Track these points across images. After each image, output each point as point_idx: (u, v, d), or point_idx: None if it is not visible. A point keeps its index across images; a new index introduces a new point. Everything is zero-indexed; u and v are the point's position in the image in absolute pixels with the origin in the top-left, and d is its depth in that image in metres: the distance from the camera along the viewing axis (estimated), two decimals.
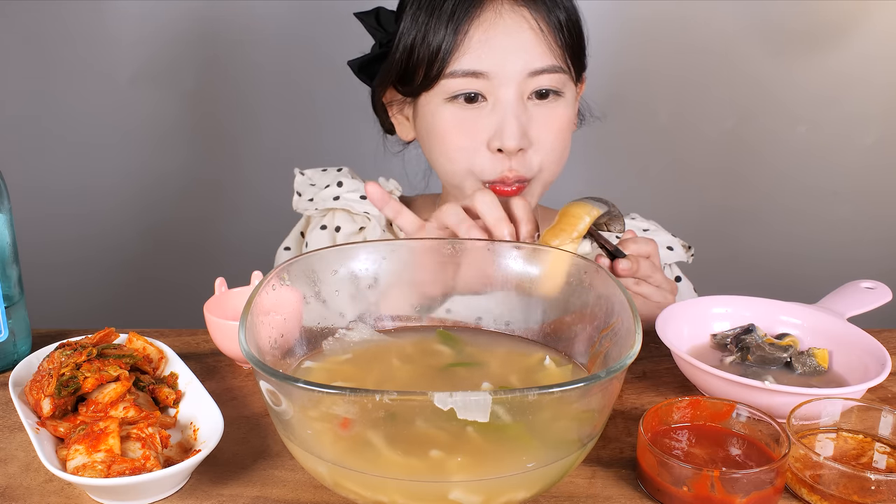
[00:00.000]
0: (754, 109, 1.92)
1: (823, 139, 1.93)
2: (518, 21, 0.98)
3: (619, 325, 0.64)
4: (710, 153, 1.93)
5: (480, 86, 0.98)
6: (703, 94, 1.92)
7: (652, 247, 0.95)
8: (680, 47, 1.88)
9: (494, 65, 0.97)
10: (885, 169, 1.95)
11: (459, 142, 1.01)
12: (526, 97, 0.99)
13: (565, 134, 1.04)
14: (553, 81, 1.00)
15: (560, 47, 1.00)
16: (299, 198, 1.23)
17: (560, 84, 1.00)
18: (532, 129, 1.00)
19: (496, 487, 0.57)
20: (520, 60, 0.97)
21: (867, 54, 1.87)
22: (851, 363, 0.82)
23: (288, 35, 1.83)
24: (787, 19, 1.85)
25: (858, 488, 0.64)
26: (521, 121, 0.98)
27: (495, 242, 0.77)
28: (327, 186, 1.21)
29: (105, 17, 1.80)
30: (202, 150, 1.94)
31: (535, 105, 1.00)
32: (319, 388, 0.53)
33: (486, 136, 0.99)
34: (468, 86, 0.98)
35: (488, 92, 0.99)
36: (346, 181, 1.21)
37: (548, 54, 0.98)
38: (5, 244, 0.85)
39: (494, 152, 1.00)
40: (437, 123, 1.02)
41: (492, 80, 0.98)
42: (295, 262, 0.71)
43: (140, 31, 1.81)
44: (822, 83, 1.90)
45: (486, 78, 0.98)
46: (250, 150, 1.93)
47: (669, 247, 1.18)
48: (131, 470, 0.64)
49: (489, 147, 1.00)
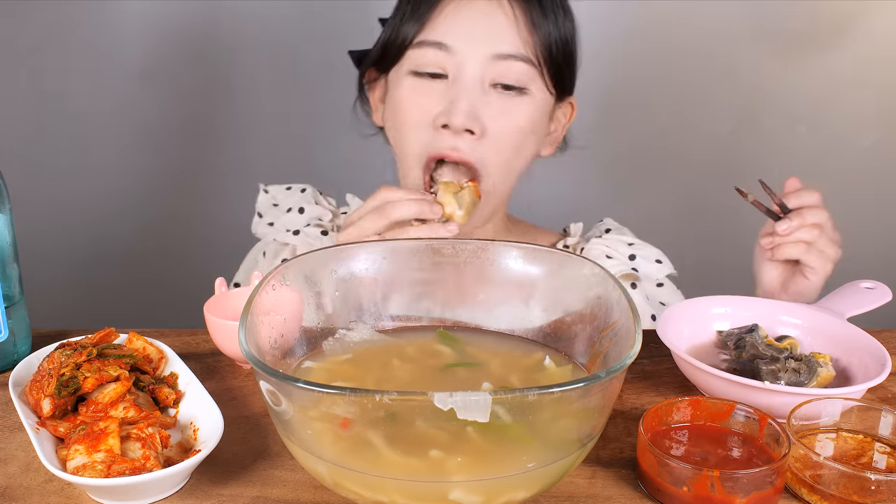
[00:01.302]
0: (754, 110, 1.92)
1: (823, 140, 1.93)
2: (493, 4, 0.96)
3: (619, 325, 0.64)
4: (710, 154, 1.93)
5: (443, 60, 0.96)
6: (702, 94, 1.92)
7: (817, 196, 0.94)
8: (679, 48, 1.88)
9: (458, 39, 0.96)
10: (884, 169, 1.95)
11: (410, 115, 0.99)
12: (488, 83, 0.97)
13: (521, 135, 1.00)
14: (519, 73, 0.97)
15: (533, 43, 0.97)
16: (259, 220, 1.19)
17: (527, 78, 0.98)
18: (486, 115, 0.97)
19: (496, 487, 0.57)
20: (486, 40, 0.96)
21: (866, 55, 1.87)
22: (851, 363, 0.82)
23: (288, 35, 1.83)
24: (786, 20, 1.85)
25: (858, 488, 0.64)
26: (473, 102, 0.96)
27: (493, 242, 0.77)
28: (289, 210, 1.17)
29: (106, 18, 1.80)
30: (203, 150, 1.94)
31: (497, 93, 0.97)
32: (319, 388, 0.53)
33: (435, 111, 0.97)
34: (432, 58, 0.97)
35: (450, 68, 0.97)
36: (309, 207, 1.16)
37: (517, 42, 0.96)
38: (5, 244, 0.85)
39: (439, 129, 0.97)
40: (396, 94, 1.00)
41: (455, 57, 0.96)
42: (295, 263, 0.71)
43: (142, 32, 1.81)
44: (821, 84, 1.90)
45: (450, 52, 0.96)
46: (251, 149, 1.92)
47: (658, 260, 1.16)
48: (131, 470, 0.64)
49: (434, 123, 0.97)
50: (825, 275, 0.96)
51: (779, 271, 1.00)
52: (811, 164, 1.93)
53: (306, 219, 1.16)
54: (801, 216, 0.93)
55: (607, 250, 1.14)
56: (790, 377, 0.79)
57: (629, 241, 1.17)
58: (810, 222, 0.93)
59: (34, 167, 1.85)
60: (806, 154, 1.92)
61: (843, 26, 1.87)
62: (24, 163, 1.85)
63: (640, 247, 1.17)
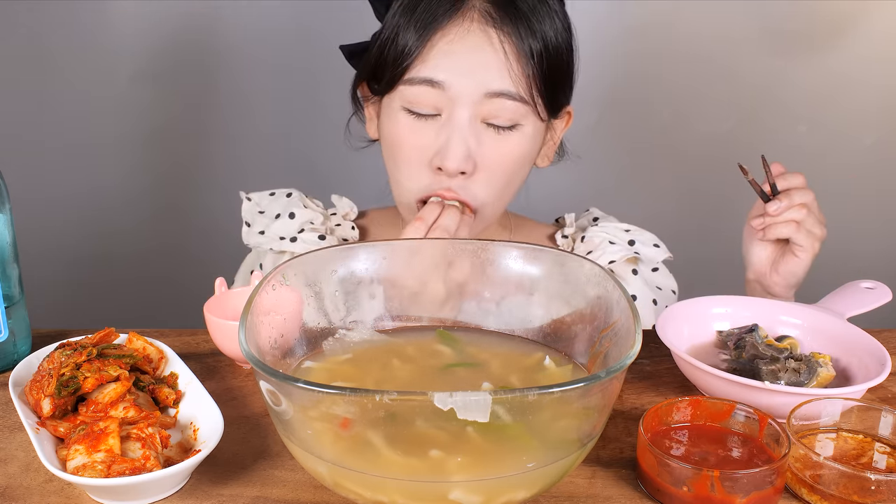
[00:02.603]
0: (754, 110, 1.92)
1: (823, 139, 1.93)
2: (483, 40, 0.96)
3: (619, 325, 0.64)
4: (711, 152, 1.93)
5: (436, 98, 0.97)
6: (703, 93, 1.92)
7: (801, 178, 0.99)
8: (680, 48, 1.88)
9: (450, 77, 0.96)
10: (885, 169, 1.95)
11: (406, 153, 1.00)
12: (480, 120, 0.98)
13: (514, 167, 1.01)
14: (510, 111, 0.97)
15: (525, 77, 0.97)
16: (249, 229, 1.16)
17: (519, 116, 0.98)
18: (479, 154, 0.98)
19: (496, 487, 0.57)
20: (477, 78, 0.96)
21: (867, 54, 1.87)
22: (851, 363, 0.82)
23: (288, 35, 1.83)
24: (786, 19, 1.85)
25: (858, 488, 0.64)
26: (468, 143, 0.97)
27: (493, 242, 0.77)
28: (278, 216, 1.15)
29: (105, 18, 1.80)
30: (202, 150, 1.94)
31: (488, 130, 0.98)
32: (319, 388, 0.53)
33: (430, 153, 0.98)
34: (424, 95, 0.97)
35: (443, 107, 0.97)
36: (299, 211, 1.15)
37: (507, 80, 0.96)
38: (5, 244, 0.85)
39: (435, 171, 0.98)
40: (392, 129, 1.01)
41: (447, 93, 0.96)
42: (295, 263, 0.71)
43: (140, 31, 1.81)
44: (822, 83, 1.90)
45: (442, 89, 0.96)
46: (251, 149, 1.92)
47: (655, 244, 1.18)
48: (131, 470, 0.64)
49: (430, 165, 0.98)
50: (813, 253, 1.00)
51: (769, 251, 1.03)
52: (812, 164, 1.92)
53: (298, 224, 1.15)
54: (789, 197, 0.98)
55: (608, 236, 1.14)
56: (790, 377, 0.79)
57: (625, 228, 1.18)
58: (798, 202, 0.97)
59: (34, 167, 1.85)
60: (806, 153, 1.92)
61: (843, 26, 1.87)
62: (24, 163, 1.84)
63: (636, 232, 1.18)
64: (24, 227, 1.00)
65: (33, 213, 1.54)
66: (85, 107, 1.85)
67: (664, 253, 1.18)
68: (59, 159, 1.88)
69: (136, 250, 1.95)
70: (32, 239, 1.41)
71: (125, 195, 1.92)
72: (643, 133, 1.94)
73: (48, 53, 1.81)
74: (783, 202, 0.97)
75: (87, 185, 1.90)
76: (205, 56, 1.85)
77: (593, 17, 1.80)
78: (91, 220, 1.92)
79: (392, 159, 1.03)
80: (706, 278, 1.34)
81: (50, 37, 1.80)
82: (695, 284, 1.21)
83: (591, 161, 1.95)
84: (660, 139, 1.95)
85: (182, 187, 1.95)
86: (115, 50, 1.82)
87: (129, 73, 1.83)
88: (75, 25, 1.80)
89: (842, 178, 1.93)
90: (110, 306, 1.92)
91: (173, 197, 1.95)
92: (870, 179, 1.95)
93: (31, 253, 1.22)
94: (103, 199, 1.91)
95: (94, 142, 1.88)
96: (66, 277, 1.91)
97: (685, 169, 1.96)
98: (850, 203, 1.94)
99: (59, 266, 1.90)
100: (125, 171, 1.91)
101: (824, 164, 1.92)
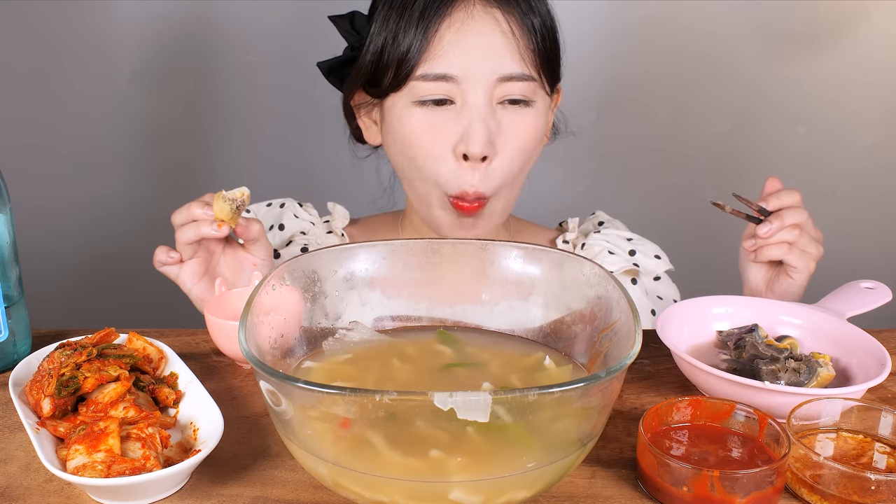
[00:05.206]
0: (753, 110, 1.92)
1: (822, 140, 1.93)
2: (490, 23, 0.96)
3: (619, 325, 0.64)
4: (709, 154, 1.94)
5: (449, 89, 0.97)
6: (701, 95, 1.92)
7: (796, 196, 0.95)
8: (678, 49, 1.88)
9: (464, 68, 0.96)
10: (884, 170, 1.95)
11: (427, 148, 0.99)
12: (496, 102, 0.98)
13: (531, 144, 1.01)
14: (523, 90, 0.98)
15: (532, 53, 0.98)
16: None
17: (530, 92, 0.99)
18: (499, 136, 0.98)
19: (496, 487, 0.57)
20: (490, 64, 0.96)
21: (866, 55, 1.88)
22: (851, 363, 0.82)
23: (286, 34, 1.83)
24: (785, 20, 1.85)
25: (858, 488, 0.64)
26: (489, 126, 0.97)
27: (494, 242, 0.77)
28: (271, 228, 1.17)
29: (105, 17, 1.80)
30: (202, 150, 1.94)
31: (504, 110, 0.98)
32: (319, 388, 0.53)
33: (453, 140, 0.98)
34: (437, 90, 0.97)
35: (457, 95, 0.97)
36: (289, 223, 1.16)
37: (519, 60, 0.97)
38: (5, 244, 0.85)
39: (460, 159, 0.98)
40: (405, 128, 1.00)
41: (461, 84, 0.96)
42: (295, 262, 0.71)
43: (140, 31, 1.81)
44: (821, 84, 1.90)
45: (456, 82, 0.96)
46: (250, 149, 1.92)
47: (657, 255, 1.17)
48: (131, 470, 0.64)
49: (455, 152, 0.98)
50: (808, 273, 0.98)
51: (763, 272, 1.02)
52: (810, 165, 1.93)
53: (288, 235, 1.16)
54: (780, 218, 0.95)
55: (608, 246, 1.14)
56: (790, 377, 0.79)
57: (627, 237, 1.17)
58: (790, 223, 0.95)
59: (34, 167, 1.85)
60: (805, 154, 1.92)
61: (842, 26, 1.87)
62: (24, 163, 1.85)
63: (639, 242, 1.18)
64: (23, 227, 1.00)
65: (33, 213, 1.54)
66: (85, 107, 1.85)
67: (665, 265, 1.17)
68: (58, 159, 1.88)
69: (136, 250, 1.95)
70: (32, 239, 1.41)
71: (125, 194, 1.92)
72: (641, 133, 1.94)
73: (48, 53, 1.81)
74: (774, 224, 0.95)
75: (87, 184, 1.90)
76: (205, 56, 1.85)
77: (593, 17, 1.80)
78: (91, 219, 1.92)
79: (410, 158, 1.01)
80: (705, 278, 1.34)
81: (50, 37, 1.80)
82: (693, 284, 1.21)
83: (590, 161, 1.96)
84: (658, 139, 1.95)
85: (182, 187, 1.95)
86: (115, 50, 1.82)
87: (129, 74, 1.83)
88: (75, 26, 1.80)
89: (841, 178, 1.93)
90: (110, 306, 1.92)
91: (173, 197, 1.95)
92: (869, 180, 1.95)
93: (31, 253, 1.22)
94: (103, 198, 1.91)
95: (94, 141, 1.88)
96: (66, 277, 1.91)
97: (684, 169, 1.96)
98: (850, 203, 1.94)
99: (59, 266, 1.90)
100: (125, 171, 1.91)
101: (823, 165, 1.92)
